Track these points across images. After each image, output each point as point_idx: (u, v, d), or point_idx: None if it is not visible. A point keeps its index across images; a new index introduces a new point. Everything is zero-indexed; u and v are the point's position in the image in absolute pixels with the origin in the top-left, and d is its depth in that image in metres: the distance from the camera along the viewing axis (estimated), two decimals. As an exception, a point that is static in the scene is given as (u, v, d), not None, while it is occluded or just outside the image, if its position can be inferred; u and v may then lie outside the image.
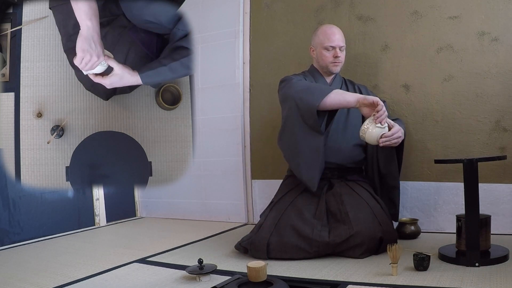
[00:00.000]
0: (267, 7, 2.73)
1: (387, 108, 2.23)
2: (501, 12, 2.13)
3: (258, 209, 2.73)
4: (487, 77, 2.16)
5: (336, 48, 2.12)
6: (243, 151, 2.78)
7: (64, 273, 1.78)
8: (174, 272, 1.75)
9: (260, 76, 2.75)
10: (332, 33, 2.12)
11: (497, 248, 1.72)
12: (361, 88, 2.25)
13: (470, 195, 1.64)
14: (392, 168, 2.10)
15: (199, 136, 2.77)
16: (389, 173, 2.11)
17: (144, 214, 3.23)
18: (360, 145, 2.14)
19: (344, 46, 2.15)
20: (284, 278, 1.54)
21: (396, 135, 1.84)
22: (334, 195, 1.95)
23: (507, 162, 2.08)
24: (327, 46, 2.12)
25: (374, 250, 1.84)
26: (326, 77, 2.20)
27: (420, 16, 2.30)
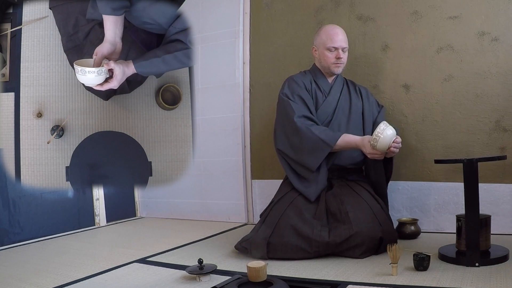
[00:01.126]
0: (267, 7, 2.73)
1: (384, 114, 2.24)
2: (501, 12, 2.13)
3: (258, 209, 2.72)
4: (487, 77, 2.16)
5: (338, 49, 2.10)
6: (243, 151, 2.78)
7: (64, 273, 1.78)
8: (174, 272, 1.75)
9: (260, 76, 2.75)
10: (335, 33, 2.10)
11: (497, 248, 1.72)
12: (361, 89, 2.23)
13: (470, 195, 1.64)
14: (380, 178, 2.10)
15: (199, 136, 2.76)
16: (377, 182, 2.11)
17: (144, 214, 3.23)
18: None
19: (346, 47, 2.12)
20: (284, 278, 1.54)
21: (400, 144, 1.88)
22: (334, 195, 1.95)
23: (507, 162, 2.08)
24: (330, 47, 2.10)
25: (374, 250, 1.84)
26: (328, 77, 2.19)
27: (420, 16, 2.30)
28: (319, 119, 2.09)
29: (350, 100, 2.16)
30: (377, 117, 2.17)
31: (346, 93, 2.18)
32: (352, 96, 2.17)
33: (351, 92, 2.19)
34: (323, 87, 2.16)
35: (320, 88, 2.15)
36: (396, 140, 1.84)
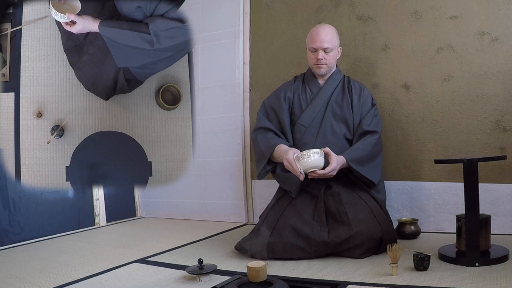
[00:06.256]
0: (267, 7, 2.73)
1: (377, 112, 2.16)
2: (501, 12, 2.13)
3: (258, 209, 2.73)
4: (487, 77, 2.16)
5: (318, 50, 2.05)
6: (243, 151, 2.78)
7: (64, 273, 1.78)
8: (174, 272, 1.74)
9: (260, 76, 2.75)
10: (316, 34, 2.05)
11: (497, 248, 1.72)
12: (354, 85, 2.12)
13: (470, 195, 1.64)
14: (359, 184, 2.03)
15: (199, 136, 2.76)
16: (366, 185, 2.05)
17: (144, 214, 3.23)
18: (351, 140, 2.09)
19: (329, 47, 2.03)
20: (284, 278, 1.54)
21: (328, 175, 1.86)
22: (333, 195, 1.93)
23: (507, 162, 2.08)
24: (310, 47, 2.07)
25: (374, 250, 1.84)
26: (319, 78, 2.15)
27: (420, 16, 2.30)
28: (305, 121, 2.08)
29: (342, 100, 2.10)
30: (365, 117, 2.07)
31: (340, 93, 2.12)
32: (345, 95, 2.11)
33: (345, 91, 2.12)
34: (312, 89, 2.15)
35: (308, 90, 2.14)
36: (318, 172, 1.83)
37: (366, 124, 2.05)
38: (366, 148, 1.98)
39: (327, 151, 1.86)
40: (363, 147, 1.98)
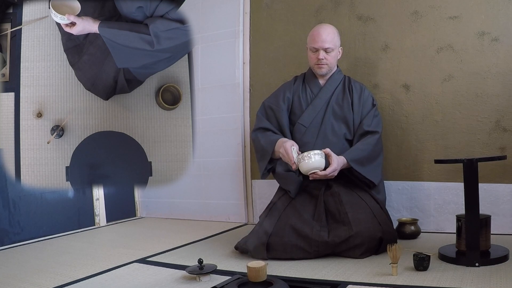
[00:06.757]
0: (267, 7, 2.73)
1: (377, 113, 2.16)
2: (501, 12, 2.13)
3: (258, 209, 2.73)
4: (487, 77, 2.16)
5: (319, 50, 2.05)
6: (243, 151, 2.78)
7: (64, 273, 1.78)
8: (174, 272, 1.75)
9: (260, 76, 2.75)
10: (317, 34, 2.05)
11: (497, 248, 1.72)
12: (355, 86, 2.12)
13: (470, 195, 1.64)
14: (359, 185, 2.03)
15: (199, 136, 2.76)
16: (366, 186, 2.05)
17: (144, 214, 3.23)
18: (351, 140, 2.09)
19: (330, 47, 2.03)
20: (284, 278, 1.54)
21: (330, 176, 1.86)
22: (333, 195, 1.93)
23: (507, 162, 2.08)
24: (311, 47, 2.07)
25: (374, 250, 1.84)
26: (319, 78, 2.15)
27: (420, 16, 2.30)
28: (305, 120, 2.08)
29: (343, 100, 2.11)
30: (366, 117, 2.07)
31: (340, 93, 2.12)
32: (346, 95, 2.11)
33: (345, 91, 2.12)
34: (312, 89, 2.15)
35: (309, 90, 2.14)
36: (319, 173, 1.83)
37: (366, 125, 2.05)
38: (367, 148, 1.98)
39: (327, 152, 1.86)
40: (363, 148, 1.98)
